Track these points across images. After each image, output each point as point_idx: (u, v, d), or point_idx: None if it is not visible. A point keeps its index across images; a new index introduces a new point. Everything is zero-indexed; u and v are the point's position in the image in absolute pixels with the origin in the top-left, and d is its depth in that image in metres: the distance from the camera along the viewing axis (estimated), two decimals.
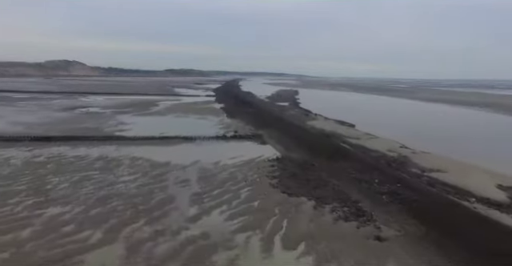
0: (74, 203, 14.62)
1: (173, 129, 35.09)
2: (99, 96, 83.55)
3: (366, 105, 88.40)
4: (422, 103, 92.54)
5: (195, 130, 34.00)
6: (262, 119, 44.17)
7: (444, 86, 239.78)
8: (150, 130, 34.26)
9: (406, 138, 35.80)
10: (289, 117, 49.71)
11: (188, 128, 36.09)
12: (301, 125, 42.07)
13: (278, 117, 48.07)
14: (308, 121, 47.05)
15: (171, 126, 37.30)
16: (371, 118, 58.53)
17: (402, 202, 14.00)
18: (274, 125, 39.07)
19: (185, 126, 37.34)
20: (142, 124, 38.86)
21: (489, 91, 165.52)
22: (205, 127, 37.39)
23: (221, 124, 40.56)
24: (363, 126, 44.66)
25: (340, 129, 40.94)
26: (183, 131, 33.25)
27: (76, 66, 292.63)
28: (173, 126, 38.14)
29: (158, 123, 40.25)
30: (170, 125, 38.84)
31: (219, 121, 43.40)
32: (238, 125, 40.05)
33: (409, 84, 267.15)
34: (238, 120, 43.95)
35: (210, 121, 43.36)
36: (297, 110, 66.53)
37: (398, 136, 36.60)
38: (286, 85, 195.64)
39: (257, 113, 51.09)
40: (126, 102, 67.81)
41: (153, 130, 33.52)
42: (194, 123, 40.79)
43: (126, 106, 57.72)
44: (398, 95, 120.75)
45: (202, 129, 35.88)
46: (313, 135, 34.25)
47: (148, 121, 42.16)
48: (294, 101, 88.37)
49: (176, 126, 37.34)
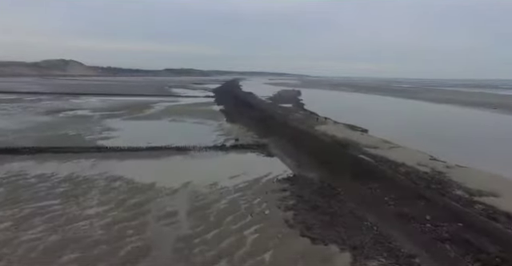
0: (7, 259, 10.15)
1: (165, 137, 30.59)
2: (92, 97, 79.01)
3: (372, 106, 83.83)
4: (430, 104, 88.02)
5: (190, 138, 29.50)
6: (265, 124, 39.64)
7: (448, 85, 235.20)
8: (138, 138, 29.75)
9: (427, 145, 31.47)
10: (295, 121, 45.17)
11: (182, 135, 31.58)
12: (310, 131, 37.53)
13: (283, 121, 43.52)
14: (316, 125, 42.53)
15: (163, 134, 32.77)
16: (382, 121, 54.01)
17: (480, 258, 9.43)
18: (280, 131, 34.54)
19: (179, 133, 32.81)
20: (130, 131, 34.33)
21: (494, 91, 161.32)
22: (201, 134, 32.86)
23: (220, 130, 36.04)
24: (376, 131, 40.28)
25: (353, 135, 36.45)
26: (176, 140, 28.75)
27: (73, 66, 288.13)
28: (165, 132, 33.61)
29: (149, 129, 35.70)
30: (163, 131, 34.30)
31: (218, 126, 38.87)
32: (239, 131, 35.53)
33: (411, 84, 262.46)
34: (238, 125, 39.42)
35: (208, 126, 38.83)
36: (302, 112, 62.03)
37: (417, 143, 32.25)
38: (288, 85, 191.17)
39: (259, 117, 46.55)
40: (119, 103, 63.34)
41: (141, 139, 29.02)
42: (189, 129, 36.23)
43: (118, 109, 53.24)
44: (404, 96, 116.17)
45: (198, 136, 31.37)
46: (326, 145, 29.73)
47: (138, 126, 37.61)
48: (298, 102, 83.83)
49: (169, 133, 32.81)
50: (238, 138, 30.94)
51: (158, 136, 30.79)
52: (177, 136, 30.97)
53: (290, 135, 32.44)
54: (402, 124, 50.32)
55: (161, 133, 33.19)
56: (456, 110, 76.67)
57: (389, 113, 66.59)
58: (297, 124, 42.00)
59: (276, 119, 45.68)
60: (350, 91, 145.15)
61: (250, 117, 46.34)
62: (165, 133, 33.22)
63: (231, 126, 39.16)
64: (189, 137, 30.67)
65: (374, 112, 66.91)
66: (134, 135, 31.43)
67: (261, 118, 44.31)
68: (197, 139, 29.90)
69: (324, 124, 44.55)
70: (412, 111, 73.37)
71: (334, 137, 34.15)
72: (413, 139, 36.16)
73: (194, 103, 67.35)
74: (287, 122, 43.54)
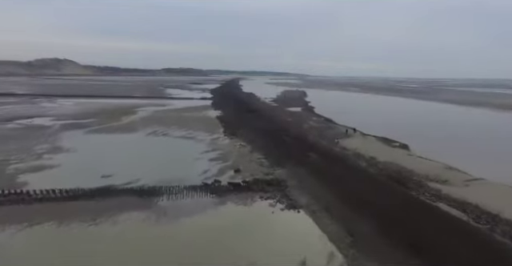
0: None
1: (131, 165, 20.61)
2: (72, 99, 68.87)
3: (390, 109, 73.70)
4: (455, 107, 77.83)
5: (168, 168, 19.60)
6: (275, 140, 29.60)
7: (456, 85, 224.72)
8: (88, 168, 19.78)
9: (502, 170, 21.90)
10: (313, 133, 35.00)
11: (157, 162, 21.56)
12: (338, 151, 27.41)
13: (298, 135, 33.37)
14: (342, 140, 32.45)
15: (131, 159, 22.67)
16: (413, 129, 43.99)
17: None
18: (298, 152, 24.48)
19: (153, 158, 22.71)
20: (85, 153, 24.18)
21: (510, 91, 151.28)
22: (186, 159, 22.74)
23: (213, 151, 25.92)
24: (418, 146, 30.65)
25: (398, 156, 26.40)
26: (146, 171, 18.82)
27: (67, 65, 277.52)
28: (135, 157, 23.44)
29: (113, 151, 25.44)
30: (132, 155, 24.10)
31: (211, 143, 28.77)
32: (240, 152, 25.43)
33: (418, 84, 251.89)
34: (239, 141, 29.36)
35: (198, 143, 28.72)
36: (315, 118, 51.98)
37: (496, 170, 22.52)
38: (290, 85, 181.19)
39: (266, 128, 36.49)
40: (97, 108, 53.38)
41: (93, 170, 19.10)
42: (170, 150, 26.02)
43: (91, 116, 43.24)
44: (419, 97, 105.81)
45: (180, 164, 21.35)
46: (374, 181, 19.57)
47: (101, 145, 27.40)
48: (306, 105, 73.65)
49: (139, 159, 22.68)
50: (240, 167, 20.84)
51: (120, 164, 20.80)
52: (149, 164, 21.00)
53: (314, 160, 22.39)
54: (444, 135, 40.29)
55: (128, 158, 23.11)
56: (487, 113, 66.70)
57: (416, 119, 56.41)
58: (318, 139, 31.83)
59: (289, 133, 35.51)
60: (359, 92, 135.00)
61: (254, 127, 36.33)
62: (133, 158, 23.13)
63: (229, 142, 29.07)
64: (166, 165, 20.70)
65: (398, 118, 56.72)
66: (86, 163, 21.35)
67: (268, 131, 34.25)
68: (177, 168, 19.93)
69: (351, 138, 34.44)
70: (439, 116, 63.16)
71: (375, 161, 24.02)
72: (479, 160, 26.27)
73: (186, 107, 57.24)
74: (304, 136, 33.35)
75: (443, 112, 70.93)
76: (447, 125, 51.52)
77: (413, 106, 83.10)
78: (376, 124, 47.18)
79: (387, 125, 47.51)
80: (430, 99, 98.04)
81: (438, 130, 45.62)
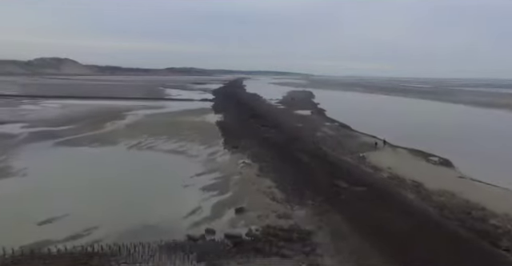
0: None
1: (89, 200, 14.69)
2: (59, 101, 62.60)
3: (407, 112, 67.22)
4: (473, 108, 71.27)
5: (141, 208, 13.78)
6: (287, 157, 23.58)
7: (463, 86, 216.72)
8: (26, 205, 13.92)
9: None
10: (332, 147, 28.81)
11: (128, 195, 15.59)
12: (375, 179, 21.27)
13: (316, 151, 27.18)
14: (369, 153, 26.32)
15: (92, 190, 16.54)
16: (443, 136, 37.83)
17: None
18: (321, 179, 18.45)
19: (125, 188, 16.67)
20: (33, 179, 18.12)
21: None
22: (170, 190, 16.67)
23: (209, 172, 19.91)
24: (461, 161, 24.70)
25: (447, 180, 20.33)
26: (108, 212, 13.10)
27: (68, 65, 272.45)
28: (99, 185, 17.28)
29: (73, 175, 19.19)
30: (96, 182, 17.90)
31: (208, 160, 22.76)
32: (244, 176, 19.38)
33: (425, 84, 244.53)
34: (244, 157, 23.35)
35: (191, 160, 22.71)
36: (328, 123, 45.80)
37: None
38: (295, 85, 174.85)
39: (275, 138, 30.49)
40: (82, 111, 47.48)
41: (31, 208, 13.34)
42: (152, 173, 19.84)
43: (71, 121, 37.37)
44: (431, 98, 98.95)
45: (159, 199, 15.34)
46: (440, 234, 13.29)
47: (60, 166, 21.16)
48: (316, 107, 67.40)
49: (103, 189, 16.58)
50: (243, 202, 14.80)
51: (75, 199, 14.84)
52: (117, 198, 15.07)
53: (345, 193, 16.31)
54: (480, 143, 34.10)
55: (90, 187, 17.04)
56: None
57: (440, 122, 50.02)
58: (339, 154, 25.67)
59: (302, 142, 29.37)
60: (367, 93, 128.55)
61: (260, 138, 30.25)
62: (98, 187, 17.06)
63: (230, 159, 23.04)
64: (140, 201, 14.73)
65: (420, 122, 50.31)
66: (27, 197, 15.37)
67: (277, 143, 28.19)
68: (155, 207, 13.97)
69: (379, 151, 28.24)
70: (465, 119, 56.66)
71: (424, 190, 17.86)
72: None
73: (184, 110, 51.27)
74: (323, 150, 27.10)
75: (464, 114, 64.51)
76: (477, 129, 45.10)
77: (429, 108, 76.53)
78: (398, 130, 40.98)
79: (411, 131, 41.25)
80: (444, 100, 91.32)
81: (470, 136, 39.30)
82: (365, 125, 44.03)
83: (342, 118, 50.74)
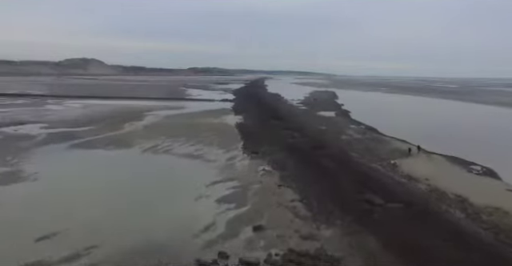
0: None
1: (94, 212, 13.51)
2: (82, 101, 63.16)
3: (437, 113, 63.44)
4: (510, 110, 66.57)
5: (148, 223, 12.49)
6: (311, 164, 21.77)
7: (490, 85, 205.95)
8: (29, 216, 12.89)
9: None
10: (360, 153, 26.71)
11: (136, 208, 14.30)
12: (412, 192, 19.16)
13: (342, 156, 25.20)
14: (401, 161, 24.07)
15: (98, 200, 15.35)
16: (482, 141, 34.80)
17: None
18: (350, 192, 16.55)
19: (133, 199, 15.35)
20: (41, 186, 17.18)
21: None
22: (181, 201, 15.24)
23: (226, 180, 18.40)
24: (507, 170, 22.03)
25: (496, 195, 17.93)
26: (111, 228, 11.94)
27: (94, 65, 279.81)
28: (106, 195, 16.09)
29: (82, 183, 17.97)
30: (104, 191, 16.74)
31: (225, 166, 21.27)
32: (263, 186, 17.76)
33: (452, 84, 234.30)
34: (264, 163, 21.73)
35: (207, 165, 21.27)
36: (353, 126, 43.44)
37: None
38: (317, 85, 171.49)
39: (298, 143, 28.69)
40: (103, 111, 47.29)
41: (34, 221, 12.33)
42: (164, 181, 18.43)
43: (91, 122, 36.98)
44: (460, 98, 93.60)
45: (169, 213, 13.96)
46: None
47: (72, 171, 20.10)
48: (340, 108, 64.85)
49: (110, 200, 15.35)
50: (262, 219, 13.19)
51: (80, 211, 13.68)
52: (122, 211, 13.79)
53: (379, 212, 14.36)
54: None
55: (98, 197, 15.89)
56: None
57: (475, 126, 46.54)
58: (368, 161, 23.58)
59: (326, 146, 27.40)
60: (392, 93, 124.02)
61: (282, 142, 28.50)
62: (105, 197, 15.88)
63: (249, 165, 21.46)
64: (148, 215, 13.40)
65: (453, 124, 46.99)
66: (31, 207, 14.39)
67: (300, 148, 26.36)
68: (163, 223, 12.58)
69: (410, 157, 25.92)
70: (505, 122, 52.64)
71: (471, 207, 15.62)
72: None
73: (204, 111, 50.24)
74: (349, 156, 25.03)
75: (499, 116, 60.08)
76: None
77: (459, 109, 72.22)
78: (428, 134, 38.18)
79: (442, 134, 38.34)
80: (473, 101, 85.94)
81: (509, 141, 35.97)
82: (392, 128, 41.49)
83: (367, 120, 48.28)
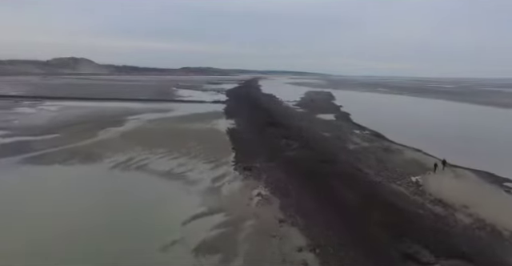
0: None
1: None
2: (60, 102, 57.59)
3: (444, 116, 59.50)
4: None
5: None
6: (318, 187, 17.45)
7: (485, 85, 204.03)
8: None
9: None
10: (373, 169, 22.41)
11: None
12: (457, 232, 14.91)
13: (354, 174, 20.88)
14: (424, 179, 19.88)
15: (22, 249, 10.93)
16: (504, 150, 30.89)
17: None
18: (378, 238, 12.28)
19: (71, 249, 10.99)
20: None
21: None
22: (142, 255, 10.79)
23: (209, 213, 13.96)
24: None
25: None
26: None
27: (84, 64, 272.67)
28: (39, 242, 11.63)
29: (13, 220, 13.71)
30: (34, 237, 12.24)
31: (210, 190, 16.81)
32: (259, 221, 13.37)
33: (450, 84, 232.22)
34: (260, 185, 17.35)
35: (188, 189, 16.82)
36: (358, 131, 39.11)
37: None
38: (313, 85, 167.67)
39: (299, 156, 24.34)
40: (79, 115, 42.39)
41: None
42: (127, 215, 13.78)
43: (61, 128, 32.26)
44: (463, 100, 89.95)
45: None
46: None
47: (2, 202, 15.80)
48: (339, 111, 60.63)
49: (36, 252, 10.94)
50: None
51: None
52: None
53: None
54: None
55: (20, 245, 11.32)
56: None
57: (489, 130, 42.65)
58: (389, 180, 19.31)
59: (331, 159, 23.08)
60: (390, 93, 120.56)
61: (280, 155, 24.09)
62: (33, 245, 11.33)
63: (241, 188, 17.04)
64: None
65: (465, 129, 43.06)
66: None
67: (302, 163, 22.04)
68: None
69: (435, 173, 21.73)
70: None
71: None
72: None
73: (193, 115, 45.68)
74: (362, 174, 20.71)
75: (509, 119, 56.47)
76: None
77: (464, 111, 68.53)
78: (442, 140, 34.20)
79: (458, 140, 34.37)
80: (477, 102, 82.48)
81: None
82: (398, 133, 37.58)
83: (370, 123, 44.26)
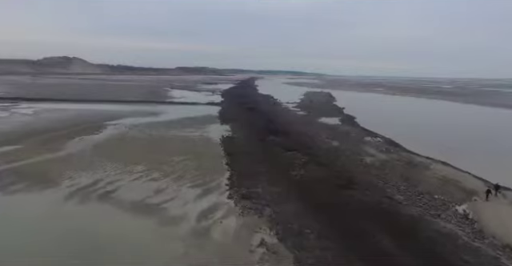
0: None
1: None
2: (40, 104, 51.42)
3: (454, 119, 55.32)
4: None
5: None
6: (346, 230, 12.92)
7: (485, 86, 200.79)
8: None
9: None
10: (408, 197, 17.84)
11: None
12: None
13: (386, 208, 16.29)
14: (475, 208, 15.41)
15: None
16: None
17: None
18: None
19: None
20: None
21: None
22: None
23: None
24: None
25: None
26: None
27: (76, 64, 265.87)
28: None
29: None
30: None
31: (198, 235, 12.14)
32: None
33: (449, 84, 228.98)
34: (264, 223, 12.73)
35: (166, 237, 12.06)
36: (369, 138, 34.60)
37: None
38: (310, 85, 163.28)
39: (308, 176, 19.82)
40: (54, 120, 37.46)
41: None
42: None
43: (23, 137, 27.46)
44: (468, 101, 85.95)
45: None
46: None
47: None
48: (342, 113, 56.00)
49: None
50: None
51: None
52: None
53: None
54: None
55: None
56: None
57: None
58: (428, 213, 14.76)
59: (357, 184, 18.50)
60: (390, 94, 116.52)
61: (289, 177, 19.50)
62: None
63: (236, 230, 12.38)
64: None
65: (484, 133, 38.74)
66: None
67: (318, 192, 17.48)
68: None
69: (485, 202, 17.24)
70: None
71: None
72: None
73: (183, 119, 40.89)
74: (400, 207, 16.08)
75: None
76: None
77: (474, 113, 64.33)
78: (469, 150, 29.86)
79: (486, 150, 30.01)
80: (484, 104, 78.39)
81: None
82: (413, 139, 33.46)
83: (378, 128, 39.93)
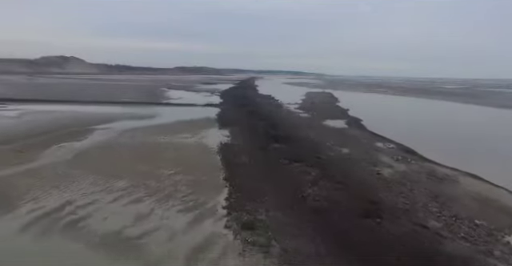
0: None
1: None
2: (22, 106, 47.69)
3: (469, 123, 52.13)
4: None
5: None
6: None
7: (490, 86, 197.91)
8: None
9: None
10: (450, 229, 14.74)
11: None
12: None
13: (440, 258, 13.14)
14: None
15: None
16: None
17: None
18: None
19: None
20: None
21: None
22: None
23: None
24: None
25: None
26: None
27: (73, 63, 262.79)
28: None
29: None
30: None
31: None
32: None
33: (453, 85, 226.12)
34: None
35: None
36: (381, 145, 31.42)
37: None
38: (311, 85, 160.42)
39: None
40: (35, 123, 34.31)
41: None
42: None
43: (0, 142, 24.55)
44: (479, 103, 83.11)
45: None
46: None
47: None
48: (347, 115, 53.00)
49: None
50: None
51: None
52: None
53: None
54: None
55: None
56: None
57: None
58: (489, 258, 11.75)
59: (391, 220, 15.43)
60: (397, 95, 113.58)
61: (300, 201, 16.51)
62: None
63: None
64: None
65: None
66: None
67: (338, 224, 14.45)
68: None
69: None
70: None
71: None
72: None
73: (179, 123, 37.79)
74: (460, 258, 12.99)
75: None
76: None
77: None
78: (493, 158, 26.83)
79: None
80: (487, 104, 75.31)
81: None
82: (429, 145, 30.54)
83: (389, 132, 36.74)
